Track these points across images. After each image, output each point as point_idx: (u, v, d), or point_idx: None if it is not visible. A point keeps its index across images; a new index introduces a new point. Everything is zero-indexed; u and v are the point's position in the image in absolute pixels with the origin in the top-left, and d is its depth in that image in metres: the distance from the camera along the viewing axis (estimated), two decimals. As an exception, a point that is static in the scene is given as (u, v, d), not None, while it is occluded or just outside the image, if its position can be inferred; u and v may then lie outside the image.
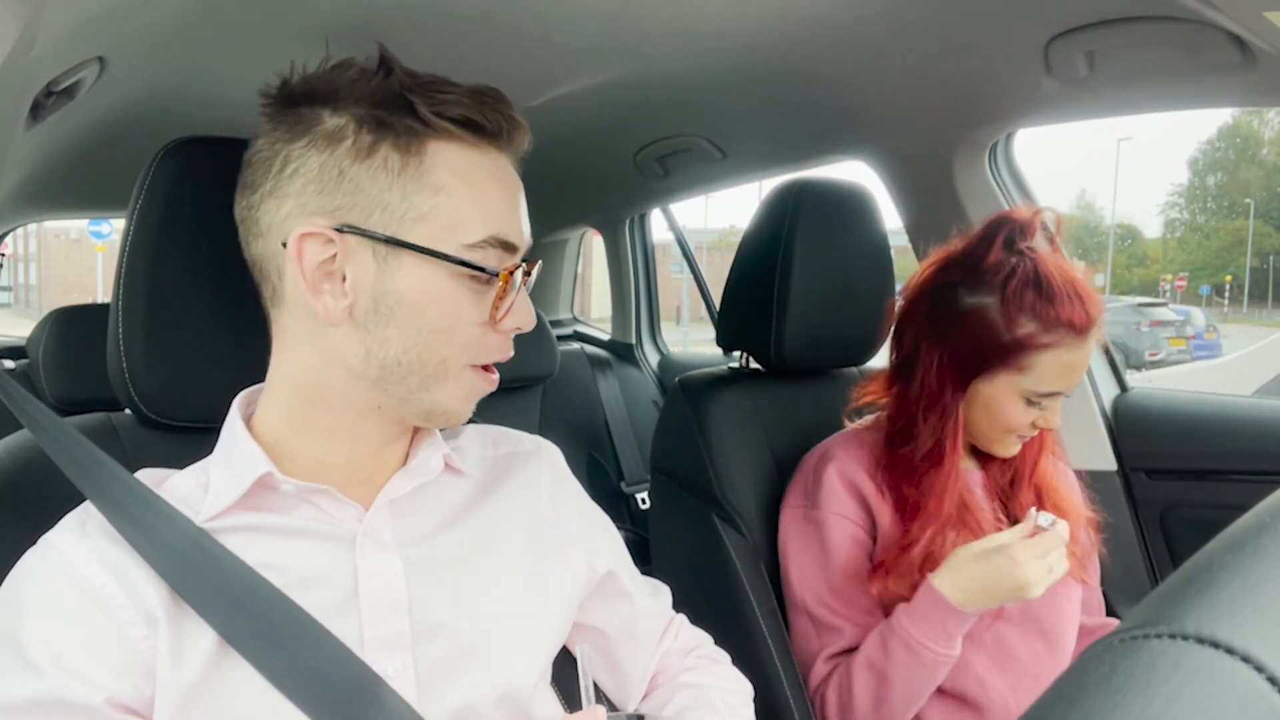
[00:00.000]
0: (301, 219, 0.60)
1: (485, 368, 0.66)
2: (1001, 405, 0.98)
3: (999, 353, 0.95)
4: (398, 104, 0.60)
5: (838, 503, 1.03)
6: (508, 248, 0.63)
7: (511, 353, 0.67)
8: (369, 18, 1.06)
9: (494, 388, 0.67)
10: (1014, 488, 1.07)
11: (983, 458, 1.08)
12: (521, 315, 0.65)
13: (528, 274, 0.66)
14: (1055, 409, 0.99)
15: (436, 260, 0.60)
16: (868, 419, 1.13)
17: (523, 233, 0.65)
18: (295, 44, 1.10)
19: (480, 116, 0.61)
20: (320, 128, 0.60)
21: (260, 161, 0.62)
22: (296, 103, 0.61)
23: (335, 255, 0.60)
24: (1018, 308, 0.94)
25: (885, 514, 1.03)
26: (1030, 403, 0.97)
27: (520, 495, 0.73)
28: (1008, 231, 0.97)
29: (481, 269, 0.61)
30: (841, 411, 1.17)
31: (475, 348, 0.64)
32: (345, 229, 0.59)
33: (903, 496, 1.01)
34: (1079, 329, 0.93)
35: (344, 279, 0.60)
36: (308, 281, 0.60)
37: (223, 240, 0.68)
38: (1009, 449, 1.02)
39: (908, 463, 1.01)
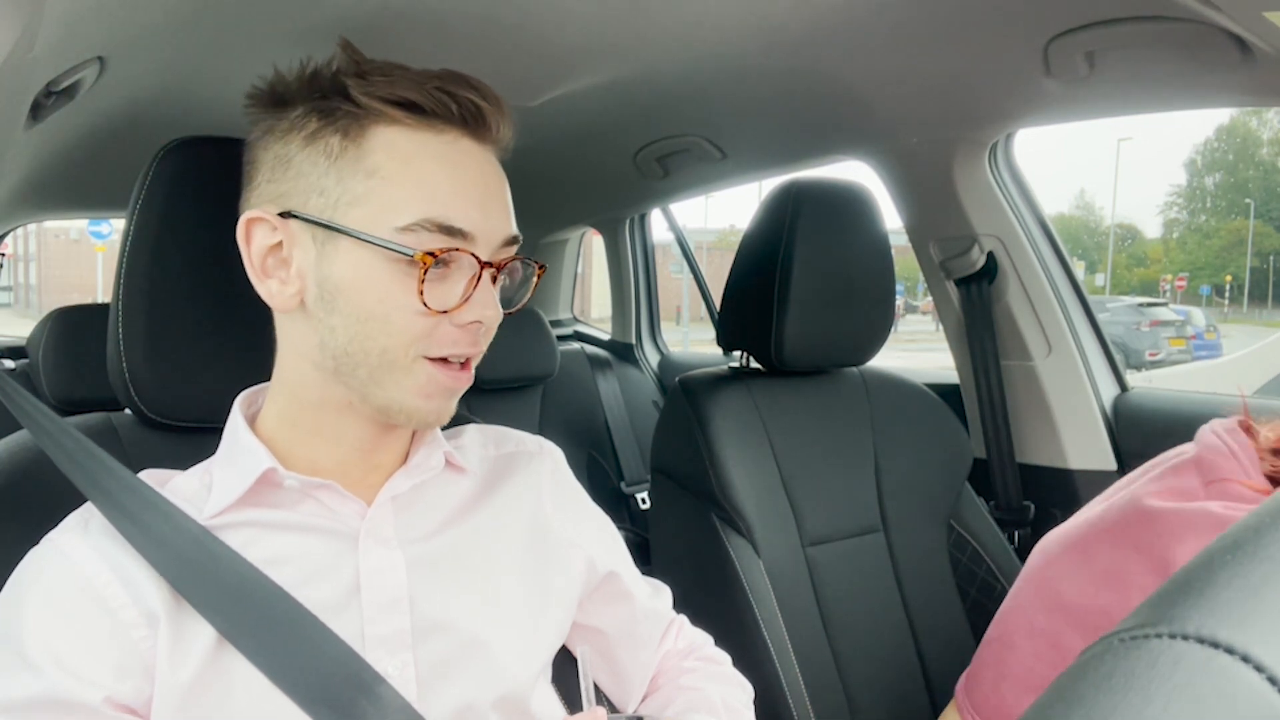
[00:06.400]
0: (255, 207, 0.61)
1: (445, 361, 0.61)
2: None
3: None
4: (339, 90, 0.60)
5: None
6: (451, 232, 0.59)
7: (476, 349, 0.62)
8: (368, 18, 1.06)
9: (460, 385, 0.63)
10: None
11: None
12: (479, 308, 0.60)
13: (499, 269, 0.62)
14: None
15: (369, 245, 0.58)
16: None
17: (476, 219, 0.60)
18: (294, 44, 1.10)
19: (419, 96, 0.59)
20: (280, 123, 0.61)
21: (245, 163, 0.64)
22: (266, 103, 0.62)
23: (282, 242, 0.61)
24: None
25: None
26: None
27: (521, 495, 0.73)
28: None
29: (404, 252, 0.58)
30: (841, 411, 1.16)
31: (424, 339, 0.60)
32: (287, 215, 0.60)
33: None
34: None
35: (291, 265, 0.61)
36: (255, 266, 0.61)
37: (223, 240, 0.68)
38: None
39: None
